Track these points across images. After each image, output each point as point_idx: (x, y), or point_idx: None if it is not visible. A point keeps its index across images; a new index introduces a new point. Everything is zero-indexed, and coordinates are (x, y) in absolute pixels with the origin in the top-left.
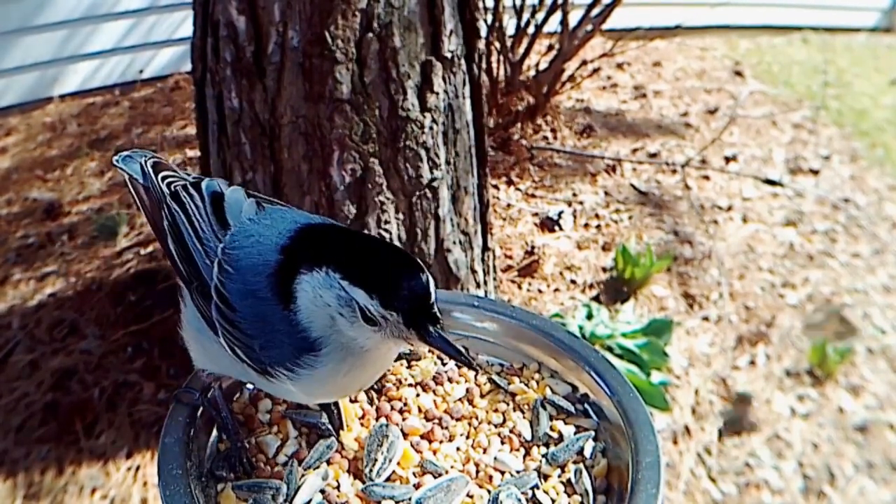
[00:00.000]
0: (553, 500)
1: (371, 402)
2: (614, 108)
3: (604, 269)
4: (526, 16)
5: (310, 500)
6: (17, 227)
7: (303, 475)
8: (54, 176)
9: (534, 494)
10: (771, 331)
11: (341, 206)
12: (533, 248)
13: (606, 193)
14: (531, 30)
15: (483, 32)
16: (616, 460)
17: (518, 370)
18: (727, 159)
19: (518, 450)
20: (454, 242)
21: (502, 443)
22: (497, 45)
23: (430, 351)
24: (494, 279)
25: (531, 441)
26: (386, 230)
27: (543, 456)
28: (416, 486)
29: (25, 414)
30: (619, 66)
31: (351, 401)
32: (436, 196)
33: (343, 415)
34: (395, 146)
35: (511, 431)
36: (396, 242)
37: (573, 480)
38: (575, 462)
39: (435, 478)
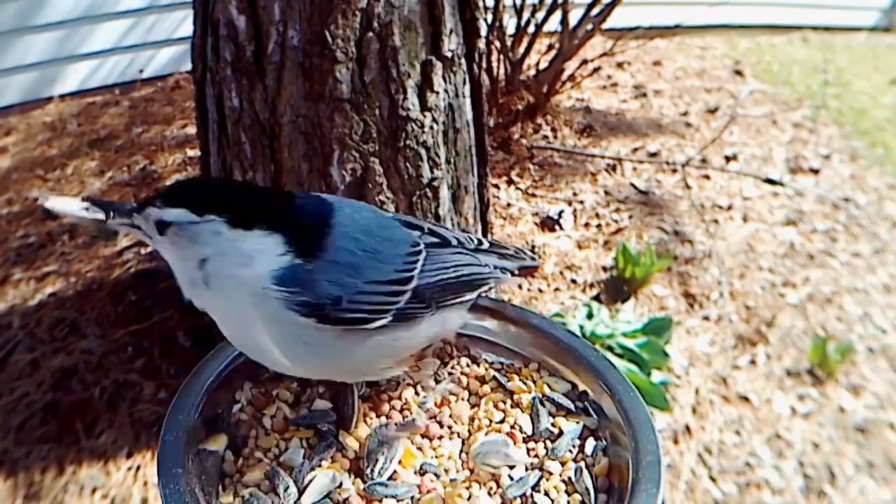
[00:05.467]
0: (553, 500)
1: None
2: (614, 107)
3: (604, 269)
4: (526, 15)
5: (316, 500)
6: (17, 227)
7: (310, 475)
8: (54, 176)
9: (533, 494)
10: (771, 330)
11: None
12: (533, 247)
13: (607, 193)
14: (531, 29)
15: (483, 32)
16: (617, 459)
17: (518, 369)
18: (727, 158)
19: (521, 444)
20: None
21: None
22: (497, 44)
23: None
24: None
25: (533, 436)
26: None
27: (546, 450)
28: (418, 486)
29: (25, 414)
30: (619, 65)
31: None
32: (436, 195)
33: (355, 415)
34: (395, 145)
35: (512, 427)
36: None
37: (574, 479)
38: (576, 460)
39: (437, 477)
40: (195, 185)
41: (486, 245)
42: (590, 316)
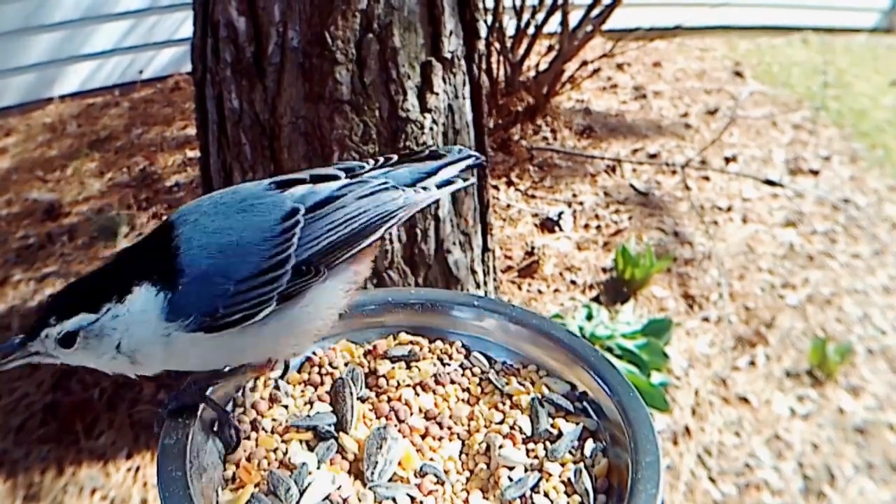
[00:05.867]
0: (553, 501)
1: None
2: (614, 108)
3: (604, 270)
4: (526, 16)
5: (317, 502)
6: (17, 228)
7: (310, 477)
8: (54, 176)
9: (533, 495)
10: (771, 331)
11: None
12: (533, 248)
13: (606, 194)
14: (531, 30)
15: (483, 33)
16: (616, 460)
17: (516, 370)
18: (727, 160)
19: (520, 445)
20: (454, 243)
21: (504, 439)
22: (497, 45)
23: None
24: (494, 280)
25: (532, 437)
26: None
27: (545, 451)
28: (418, 487)
29: (25, 414)
30: (619, 66)
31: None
32: None
33: (354, 417)
34: (395, 147)
35: (512, 428)
36: (396, 243)
37: (573, 480)
38: (575, 461)
39: (436, 478)
40: (73, 290)
41: (395, 159)
42: (589, 317)
